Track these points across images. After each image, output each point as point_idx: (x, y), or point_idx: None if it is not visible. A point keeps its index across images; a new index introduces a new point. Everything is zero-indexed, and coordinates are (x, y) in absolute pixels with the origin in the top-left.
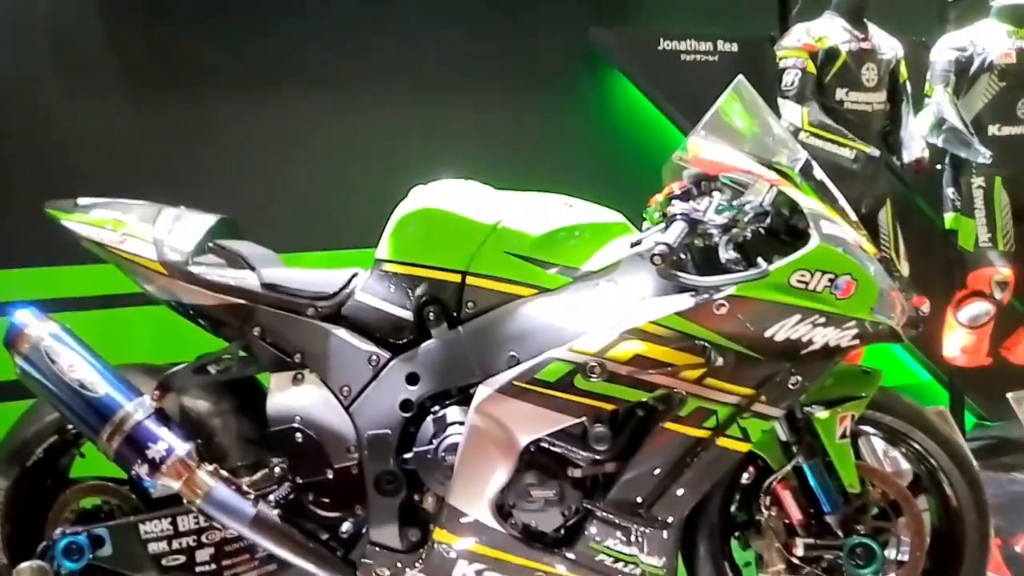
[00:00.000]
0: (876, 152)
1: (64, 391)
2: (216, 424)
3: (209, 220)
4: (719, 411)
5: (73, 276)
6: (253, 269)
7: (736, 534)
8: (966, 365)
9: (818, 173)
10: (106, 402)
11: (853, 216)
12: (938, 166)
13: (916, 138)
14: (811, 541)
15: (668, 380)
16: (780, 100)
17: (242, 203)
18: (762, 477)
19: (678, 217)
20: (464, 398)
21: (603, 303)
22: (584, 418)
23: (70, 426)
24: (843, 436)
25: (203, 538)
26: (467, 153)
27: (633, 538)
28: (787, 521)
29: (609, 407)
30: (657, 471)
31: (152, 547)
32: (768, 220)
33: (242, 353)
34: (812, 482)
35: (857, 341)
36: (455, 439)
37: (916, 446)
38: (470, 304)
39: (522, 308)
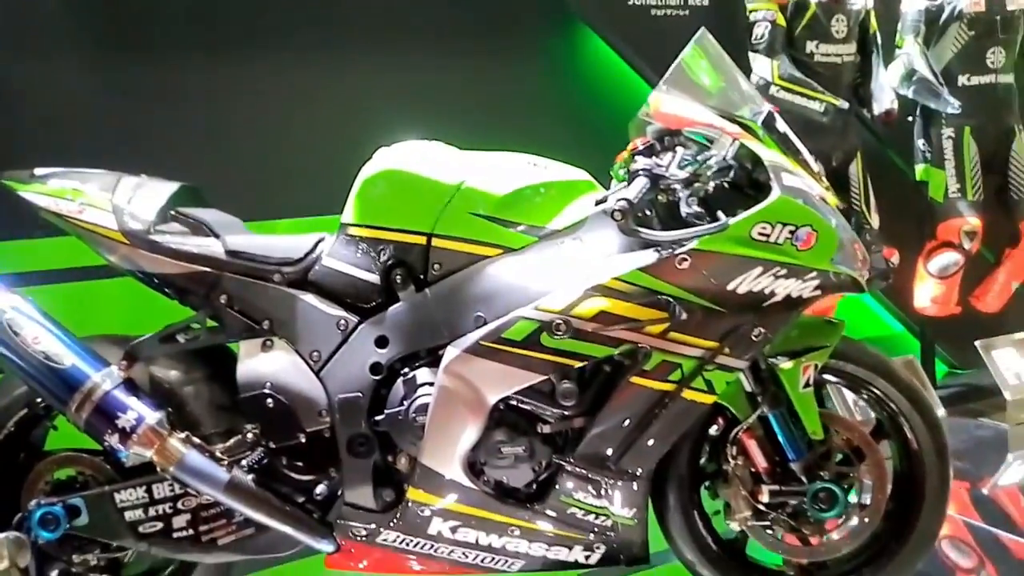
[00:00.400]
0: (845, 104)
1: (29, 363)
2: (187, 392)
3: (171, 187)
4: (684, 364)
5: (34, 249)
6: (217, 236)
7: (706, 484)
8: (936, 315)
9: (781, 125)
10: (73, 373)
11: (816, 168)
12: (909, 118)
13: (886, 89)
14: (776, 488)
15: (632, 335)
16: (751, 54)
17: (208, 171)
18: (730, 428)
19: (640, 173)
20: (433, 359)
21: (568, 261)
22: (551, 375)
23: (39, 399)
24: (806, 385)
25: (179, 505)
26: (435, 114)
27: (603, 491)
28: (753, 469)
29: (575, 363)
30: (624, 424)
31: (128, 515)
32: (732, 174)
33: (210, 321)
34: (777, 431)
35: (819, 292)
36: (425, 400)
37: (878, 393)
38: (436, 266)
39: (488, 269)
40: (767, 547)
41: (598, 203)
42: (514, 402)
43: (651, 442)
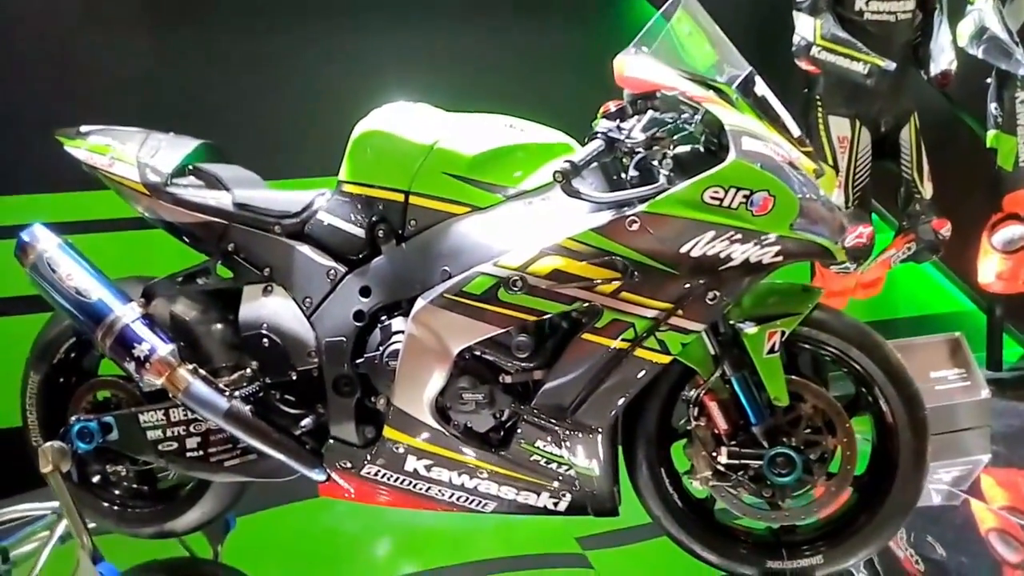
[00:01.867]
0: (891, 65)
1: (64, 296)
2: (201, 330)
3: (191, 144)
4: (636, 324)
5: (87, 200)
6: (228, 189)
7: (680, 444)
8: (1002, 292)
9: (760, 88)
10: (99, 307)
11: (796, 132)
12: (988, 80)
13: (945, 49)
14: (735, 450)
15: (584, 294)
16: (794, 12)
17: (248, 131)
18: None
19: (597, 135)
20: (408, 310)
21: (532, 221)
22: (509, 328)
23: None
24: (771, 351)
25: (191, 428)
26: (472, 80)
27: (562, 441)
28: (715, 431)
29: (530, 318)
30: (578, 379)
31: (150, 434)
32: (703, 139)
33: (220, 266)
34: (739, 394)
35: (780, 258)
36: (397, 346)
37: (853, 364)
38: (412, 222)
39: (455, 226)
40: (731, 508)
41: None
42: (477, 352)
43: (606, 397)
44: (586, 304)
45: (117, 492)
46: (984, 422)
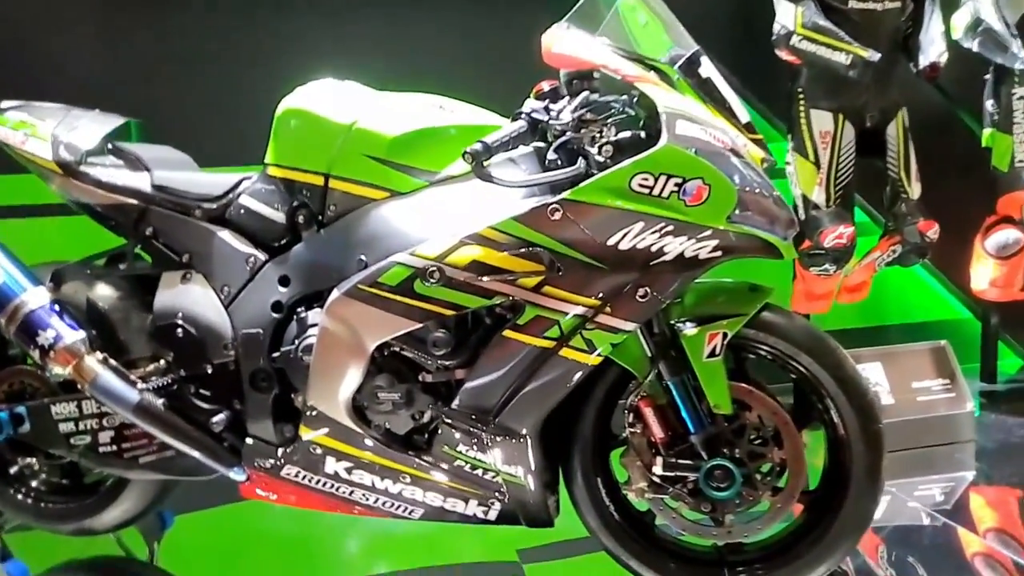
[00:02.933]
0: (875, 56)
1: None
2: (116, 318)
3: (114, 122)
4: (561, 321)
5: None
6: (148, 170)
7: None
8: (997, 300)
9: (705, 70)
10: (3, 291)
11: (744, 118)
12: (986, 77)
13: (936, 41)
14: (670, 460)
15: (504, 287)
16: (775, 0)
17: (194, 115)
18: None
19: (520, 116)
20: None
21: (455, 208)
22: (426, 323)
23: None
24: (712, 355)
25: (104, 422)
26: (415, 61)
27: (486, 446)
28: (652, 439)
29: (448, 312)
30: (500, 379)
31: (62, 427)
32: (643, 123)
33: (139, 251)
34: (677, 400)
35: (718, 253)
36: (312, 340)
37: (802, 370)
38: (332, 207)
39: (373, 212)
40: (670, 524)
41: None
42: (396, 348)
43: (531, 400)
44: (508, 299)
45: (35, 486)
46: (969, 436)
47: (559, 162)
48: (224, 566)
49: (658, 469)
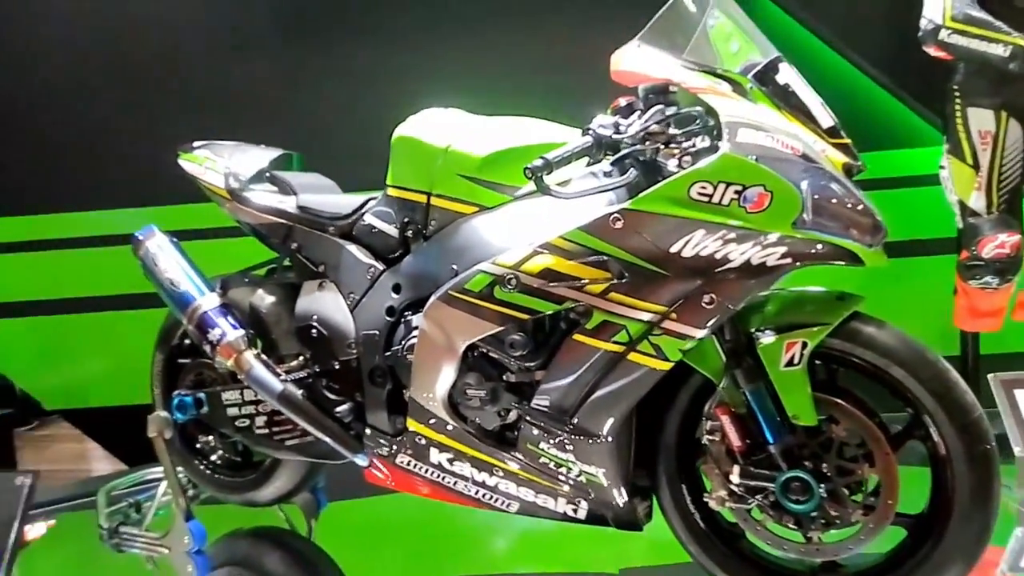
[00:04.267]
0: None
1: (161, 286)
2: (270, 320)
3: (272, 154)
4: (629, 327)
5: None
6: (295, 194)
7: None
8: None
9: (784, 76)
10: (185, 295)
11: (826, 123)
12: None
13: None
14: (747, 469)
15: (574, 293)
16: None
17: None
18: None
19: (587, 131)
20: None
21: (533, 220)
22: (507, 326)
23: None
24: (790, 364)
25: (259, 408)
26: (522, 85)
27: (566, 445)
28: (730, 448)
29: (524, 316)
30: (573, 382)
31: (230, 411)
32: (715, 133)
33: (287, 263)
34: (755, 409)
35: (788, 260)
36: (414, 341)
37: (897, 384)
38: (433, 222)
39: (464, 225)
40: (755, 536)
41: (588, 164)
42: (483, 350)
43: (603, 403)
44: (578, 304)
45: (213, 460)
46: None
47: (613, 173)
48: (371, 550)
49: (735, 477)
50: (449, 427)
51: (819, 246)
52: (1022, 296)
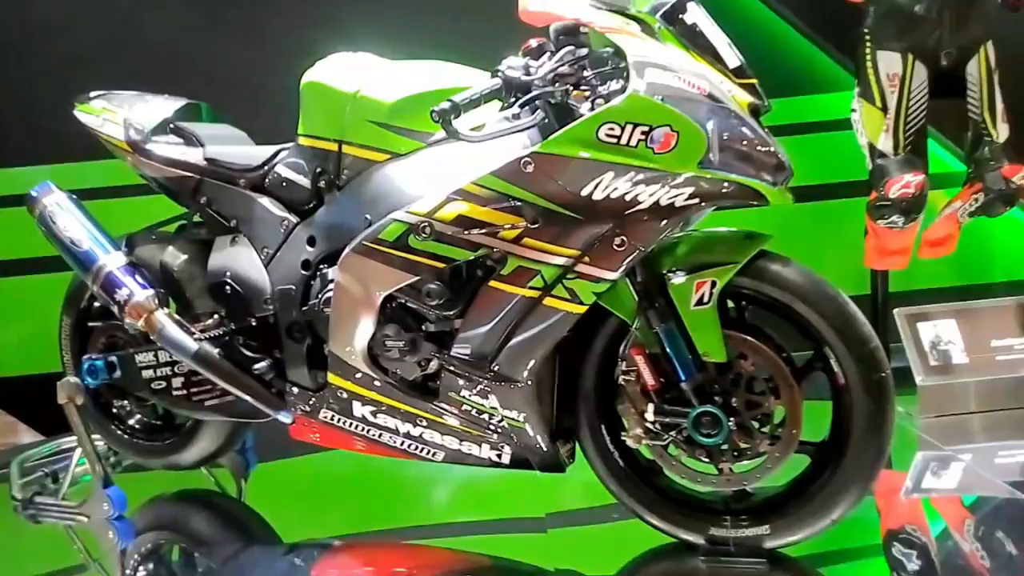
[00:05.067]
0: None
1: (61, 245)
2: (181, 277)
3: (176, 104)
4: (543, 271)
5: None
6: (202, 146)
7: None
8: None
9: (691, 16)
10: (89, 254)
11: (733, 63)
12: None
13: None
14: (661, 407)
15: (487, 240)
16: None
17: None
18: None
19: (496, 74)
20: None
21: (447, 166)
22: (423, 275)
23: None
24: (700, 303)
25: (175, 369)
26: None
27: (487, 392)
28: (645, 387)
29: (439, 265)
30: (491, 329)
31: (144, 373)
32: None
33: (197, 218)
34: (667, 348)
35: (695, 200)
36: (331, 294)
37: (800, 318)
38: (346, 172)
39: (376, 174)
40: (670, 471)
41: (501, 110)
42: (401, 300)
43: (521, 348)
44: (493, 251)
45: (130, 424)
46: None
47: (521, 115)
48: (302, 508)
49: (650, 415)
50: (370, 380)
51: (726, 185)
52: (927, 235)
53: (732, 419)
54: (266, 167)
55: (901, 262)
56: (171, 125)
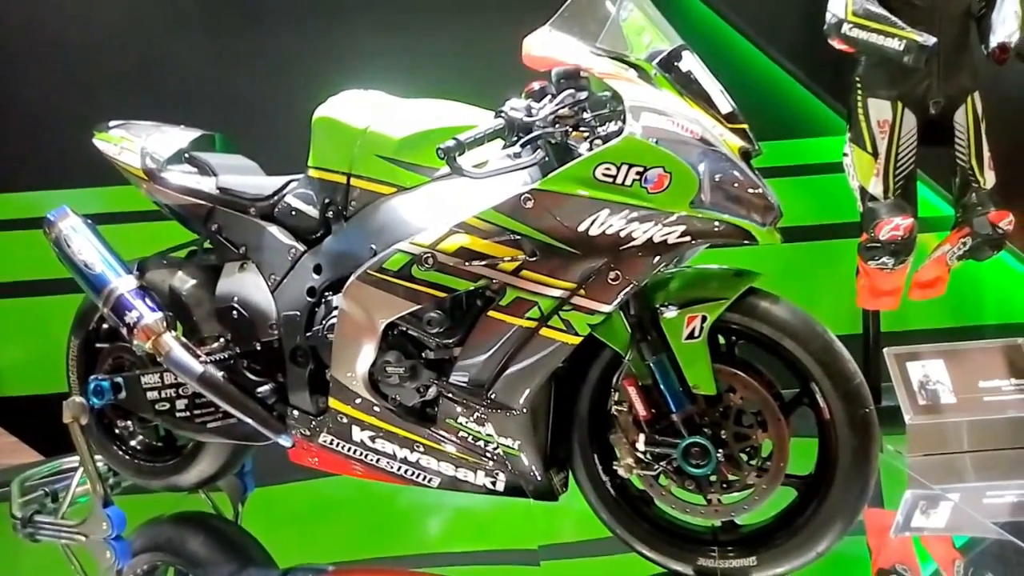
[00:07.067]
0: (930, 41)
1: (75, 268)
2: (191, 302)
3: (192, 134)
4: (540, 303)
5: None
6: (215, 175)
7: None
8: None
9: (686, 64)
10: (101, 277)
11: (725, 108)
12: None
13: (1007, 20)
14: (652, 437)
15: (487, 271)
16: None
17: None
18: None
19: (499, 114)
20: None
21: (451, 200)
22: (424, 304)
23: None
24: (691, 336)
25: (179, 391)
26: (446, 73)
27: (484, 419)
28: (636, 417)
29: (440, 295)
30: (490, 357)
31: (150, 395)
32: (622, 117)
33: (207, 245)
34: (659, 380)
35: (687, 238)
36: (335, 321)
37: (787, 354)
38: (353, 203)
39: (382, 206)
40: (659, 500)
41: (505, 147)
42: (402, 328)
43: (517, 377)
44: (492, 282)
45: (132, 445)
46: None
47: (519, 155)
48: (298, 533)
49: (641, 445)
50: (370, 405)
51: (716, 224)
52: (917, 277)
53: (720, 451)
54: (276, 197)
55: (892, 303)
56: (186, 155)
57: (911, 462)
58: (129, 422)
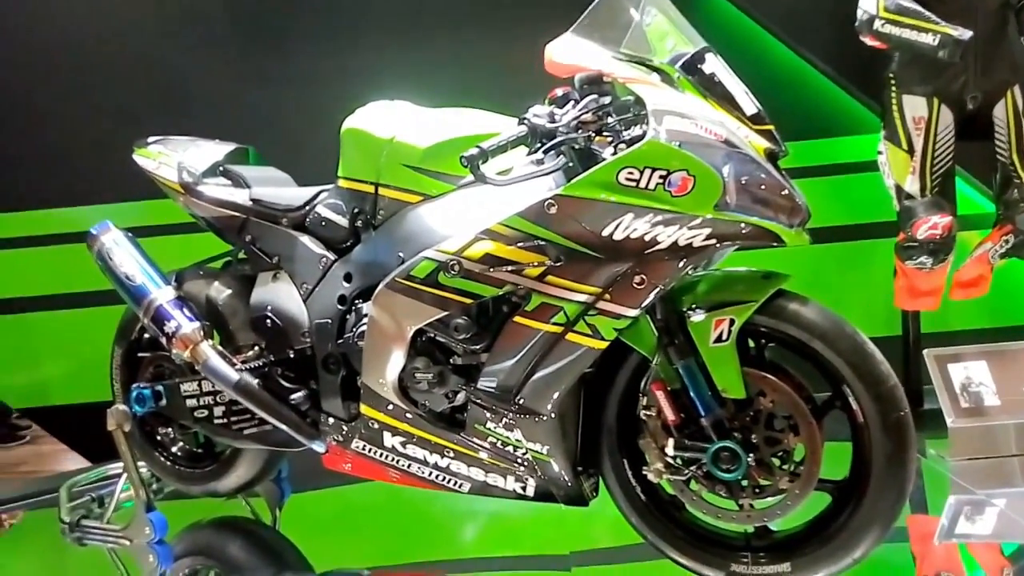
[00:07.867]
0: (966, 35)
1: (116, 280)
2: (226, 311)
3: (226, 148)
4: (566, 308)
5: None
6: (248, 187)
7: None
8: None
9: (709, 66)
10: (141, 289)
11: (750, 110)
12: None
13: None
14: (681, 441)
15: (513, 277)
16: None
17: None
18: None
19: (522, 122)
20: None
21: (475, 207)
22: (451, 310)
23: None
24: (719, 340)
25: (217, 399)
26: (473, 82)
27: (512, 425)
28: (665, 422)
29: (467, 301)
30: (516, 363)
31: (189, 402)
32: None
33: (242, 255)
34: (687, 384)
35: (712, 241)
36: (364, 328)
37: (817, 356)
38: (381, 212)
39: (409, 214)
40: (691, 506)
41: (529, 154)
42: (431, 334)
43: (544, 382)
44: (518, 288)
45: (173, 451)
46: None
47: (543, 160)
48: (335, 538)
49: (670, 450)
50: (401, 411)
51: (742, 227)
52: (958, 276)
53: (751, 455)
54: (307, 207)
55: (932, 303)
56: (221, 168)
57: (954, 466)
58: (170, 429)
